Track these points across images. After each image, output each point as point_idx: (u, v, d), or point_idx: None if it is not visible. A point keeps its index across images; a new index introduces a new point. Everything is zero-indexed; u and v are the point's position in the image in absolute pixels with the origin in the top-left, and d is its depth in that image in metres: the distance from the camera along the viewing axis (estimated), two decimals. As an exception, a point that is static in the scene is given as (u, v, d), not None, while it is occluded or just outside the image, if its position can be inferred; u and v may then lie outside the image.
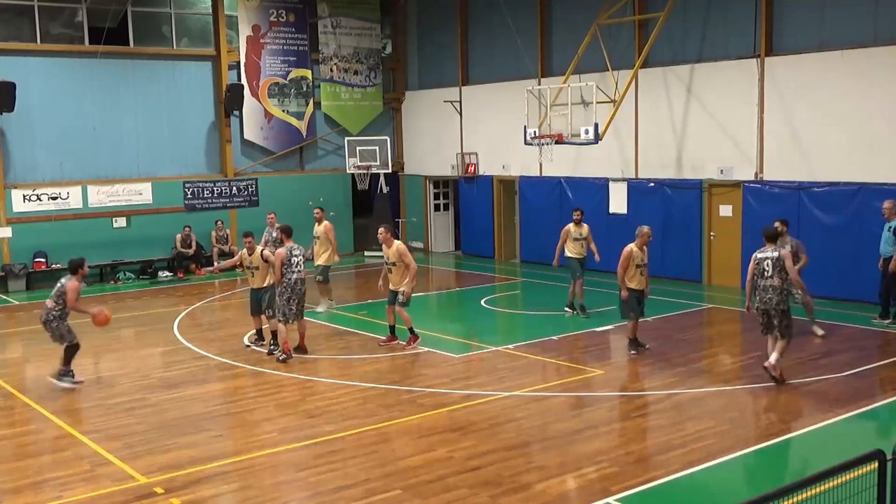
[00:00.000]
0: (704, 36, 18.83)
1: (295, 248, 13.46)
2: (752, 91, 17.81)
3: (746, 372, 12.11)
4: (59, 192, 21.24)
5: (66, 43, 21.41)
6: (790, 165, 17.45)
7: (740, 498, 5.28)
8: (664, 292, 18.00)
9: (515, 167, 23.02)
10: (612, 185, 20.53)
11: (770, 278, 11.16)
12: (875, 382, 11.39)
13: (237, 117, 23.78)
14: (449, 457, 9.02)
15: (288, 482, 8.57)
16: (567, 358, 13.09)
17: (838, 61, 16.52)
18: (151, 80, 22.49)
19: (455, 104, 24.56)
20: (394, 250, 13.57)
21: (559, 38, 21.77)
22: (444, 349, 13.83)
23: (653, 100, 19.70)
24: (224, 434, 10.11)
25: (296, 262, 13.34)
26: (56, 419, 10.67)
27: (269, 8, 23.94)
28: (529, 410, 10.59)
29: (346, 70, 25.42)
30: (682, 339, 14.22)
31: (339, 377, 12.29)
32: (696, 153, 19.03)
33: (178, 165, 23.08)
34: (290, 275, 13.27)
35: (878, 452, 5.86)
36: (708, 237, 18.94)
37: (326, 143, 25.54)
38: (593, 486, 8.19)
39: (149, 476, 8.69)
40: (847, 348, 13.12)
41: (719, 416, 10.12)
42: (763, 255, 11.28)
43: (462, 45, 24.41)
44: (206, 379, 12.48)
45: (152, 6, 22.55)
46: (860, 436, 9.74)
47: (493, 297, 18.93)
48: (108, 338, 15.35)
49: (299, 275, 13.37)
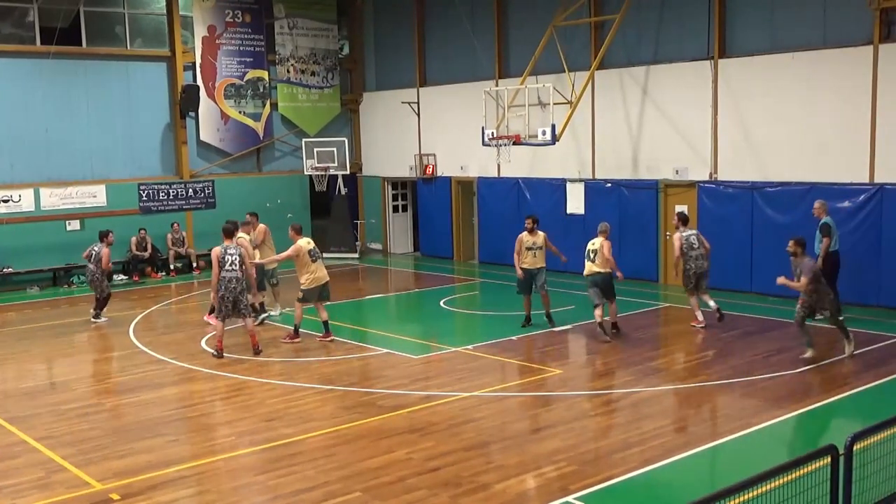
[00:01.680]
0: (659, 38, 19.04)
1: (231, 248, 13.49)
2: (706, 92, 18.04)
3: (702, 370, 12.27)
4: (10, 194, 20.86)
5: (16, 43, 21.03)
6: (743, 166, 17.71)
7: (698, 494, 5.34)
8: (620, 291, 18.11)
9: (473, 168, 23.07)
10: (570, 186, 20.66)
11: (697, 249, 14.54)
12: (827, 378, 11.60)
13: (193, 118, 23.54)
14: (408, 458, 9.02)
15: (246, 486, 8.51)
16: (526, 358, 13.16)
17: (789, 63, 16.80)
18: (105, 81, 22.18)
19: (413, 105, 24.55)
20: None
21: (516, 40, 21.87)
22: (403, 350, 13.82)
23: (609, 101, 19.87)
24: (181, 438, 10.01)
25: (230, 262, 13.37)
26: (9, 425, 10.47)
27: (225, 8, 23.74)
28: (489, 410, 10.62)
29: (303, 71, 25.30)
30: (638, 337, 14.35)
31: (298, 379, 12.22)
32: (651, 154, 19.23)
33: (133, 167, 22.79)
34: (225, 273, 13.32)
35: (831, 447, 5.98)
36: (664, 237, 19.15)
37: (284, 144, 25.39)
38: (552, 486, 8.24)
39: (104, 482, 8.57)
40: (798, 345, 13.31)
41: (676, 414, 10.25)
42: (686, 233, 14.61)
43: (419, 46, 24.41)
44: (163, 383, 12.34)
45: (105, 6, 22.24)
46: (813, 431, 9.92)
47: (452, 297, 18.95)
48: (62, 342, 15.14)
49: (233, 274, 13.35)
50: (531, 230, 14.74)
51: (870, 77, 15.68)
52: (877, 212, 15.76)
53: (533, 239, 14.73)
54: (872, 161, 15.86)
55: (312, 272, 14.17)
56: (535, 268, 14.71)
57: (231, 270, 13.36)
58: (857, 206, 15.98)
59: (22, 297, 20.07)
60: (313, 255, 14.24)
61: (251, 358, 13.31)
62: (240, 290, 13.41)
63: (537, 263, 14.72)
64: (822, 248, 14.58)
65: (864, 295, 15.99)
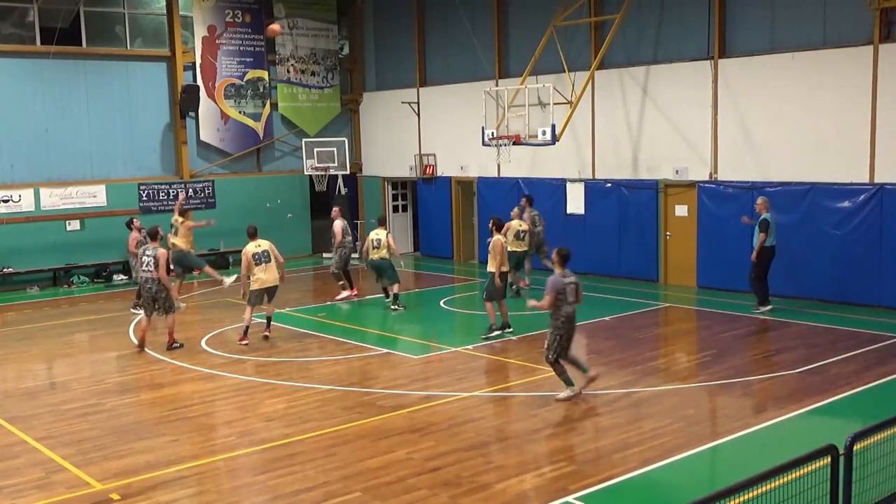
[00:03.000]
0: (659, 38, 19.04)
1: (148, 249, 14.11)
2: (706, 92, 18.04)
3: (702, 370, 12.26)
4: (10, 194, 20.85)
5: (16, 43, 21.03)
6: (743, 166, 17.70)
7: (697, 494, 5.34)
8: (621, 291, 18.18)
9: (473, 168, 23.07)
10: (570, 186, 20.66)
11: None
12: (827, 378, 11.59)
13: (193, 118, 23.53)
14: (408, 458, 9.02)
15: (246, 486, 8.51)
16: (526, 358, 13.15)
17: (789, 63, 16.80)
18: (105, 81, 22.17)
19: (413, 105, 24.55)
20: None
21: (516, 40, 21.87)
22: (403, 350, 13.83)
23: (609, 101, 19.86)
24: (181, 438, 10.01)
25: (146, 263, 14.00)
26: (9, 426, 10.48)
27: (225, 8, 23.74)
28: (488, 411, 10.62)
29: (303, 71, 25.30)
30: (638, 337, 14.35)
31: (298, 380, 12.22)
32: (651, 154, 19.22)
33: (133, 167, 22.79)
34: (142, 274, 14.14)
35: (831, 447, 5.98)
36: (664, 237, 19.15)
37: (284, 144, 25.39)
38: (552, 486, 8.24)
39: (104, 482, 8.57)
40: (798, 345, 13.34)
41: (675, 414, 10.24)
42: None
43: (419, 46, 24.41)
44: (163, 383, 12.34)
45: (105, 6, 22.23)
46: (813, 431, 9.91)
47: (452, 297, 18.95)
48: (62, 342, 15.14)
49: (147, 274, 13.94)
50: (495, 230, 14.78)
51: (870, 77, 15.68)
52: (877, 212, 15.76)
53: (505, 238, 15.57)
54: (872, 161, 15.86)
55: (255, 275, 14.37)
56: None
57: (146, 272, 13.95)
58: (857, 206, 15.98)
59: (22, 297, 20.07)
60: (257, 259, 14.37)
61: (251, 358, 13.32)
62: (156, 289, 13.90)
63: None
64: (758, 243, 15.40)
65: (864, 295, 16.01)
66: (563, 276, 10.74)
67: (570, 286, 10.74)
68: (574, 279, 10.85)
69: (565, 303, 10.68)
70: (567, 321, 10.74)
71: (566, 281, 10.73)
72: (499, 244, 14.35)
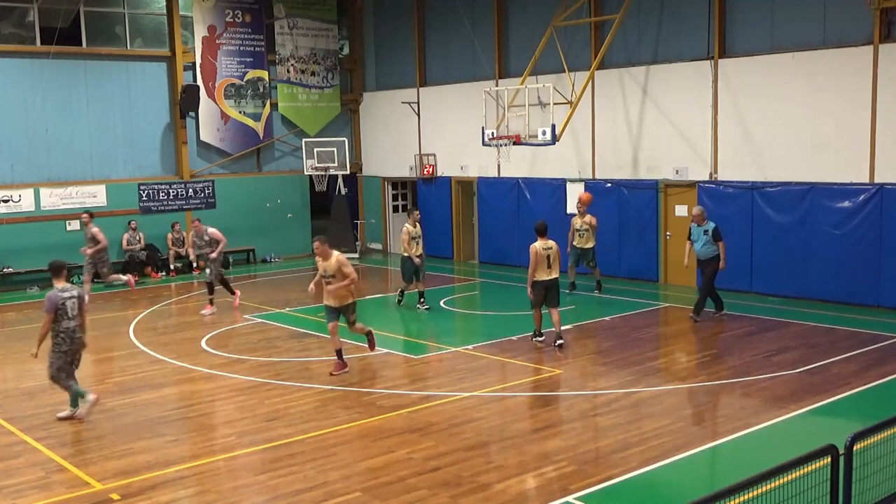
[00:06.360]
0: (659, 38, 19.04)
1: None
2: (706, 92, 18.04)
3: (702, 370, 12.26)
4: (10, 194, 20.85)
5: (16, 43, 21.03)
6: (743, 166, 17.70)
7: (698, 494, 5.35)
8: (621, 291, 18.18)
9: (473, 168, 23.07)
10: (570, 186, 20.66)
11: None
12: (826, 378, 11.59)
13: (193, 118, 23.53)
14: (408, 458, 9.02)
15: (246, 486, 8.51)
16: (525, 358, 13.15)
17: (789, 63, 16.80)
18: (105, 80, 22.17)
19: (413, 105, 24.55)
20: (333, 263, 12.25)
21: (516, 40, 21.87)
22: (403, 350, 13.83)
23: (609, 101, 19.87)
24: (181, 438, 10.01)
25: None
26: (9, 425, 10.48)
27: (225, 8, 23.74)
28: (488, 410, 10.62)
29: (303, 71, 25.29)
30: (638, 337, 14.35)
31: (298, 379, 12.22)
32: (651, 154, 19.22)
33: (133, 167, 22.79)
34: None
35: (831, 447, 5.99)
36: (664, 237, 19.15)
37: (284, 144, 25.39)
38: (552, 486, 8.24)
39: (104, 482, 8.57)
40: (798, 345, 13.34)
41: (676, 414, 10.24)
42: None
43: (419, 46, 24.41)
44: (163, 383, 12.34)
45: (105, 6, 22.23)
46: (813, 431, 9.91)
47: (452, 297, 18.95)
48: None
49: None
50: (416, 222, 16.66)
51: (870, 77, 15.67)
52: (877, 212, 15.75)
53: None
54: (872, 161, 15.86)
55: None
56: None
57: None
58: (857, 206, 15.97)
59: (22, 297, 20.07)
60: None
61: (251, 358, 13.31)
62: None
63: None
64: (722, 250, 15.02)
65: (864, 295, 16.00)
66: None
67: None
68: None
69: None
70: None
71: None
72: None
